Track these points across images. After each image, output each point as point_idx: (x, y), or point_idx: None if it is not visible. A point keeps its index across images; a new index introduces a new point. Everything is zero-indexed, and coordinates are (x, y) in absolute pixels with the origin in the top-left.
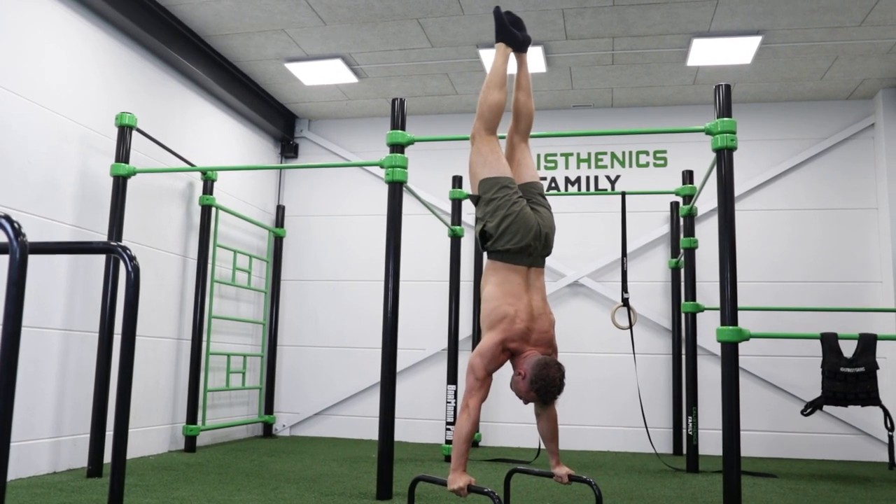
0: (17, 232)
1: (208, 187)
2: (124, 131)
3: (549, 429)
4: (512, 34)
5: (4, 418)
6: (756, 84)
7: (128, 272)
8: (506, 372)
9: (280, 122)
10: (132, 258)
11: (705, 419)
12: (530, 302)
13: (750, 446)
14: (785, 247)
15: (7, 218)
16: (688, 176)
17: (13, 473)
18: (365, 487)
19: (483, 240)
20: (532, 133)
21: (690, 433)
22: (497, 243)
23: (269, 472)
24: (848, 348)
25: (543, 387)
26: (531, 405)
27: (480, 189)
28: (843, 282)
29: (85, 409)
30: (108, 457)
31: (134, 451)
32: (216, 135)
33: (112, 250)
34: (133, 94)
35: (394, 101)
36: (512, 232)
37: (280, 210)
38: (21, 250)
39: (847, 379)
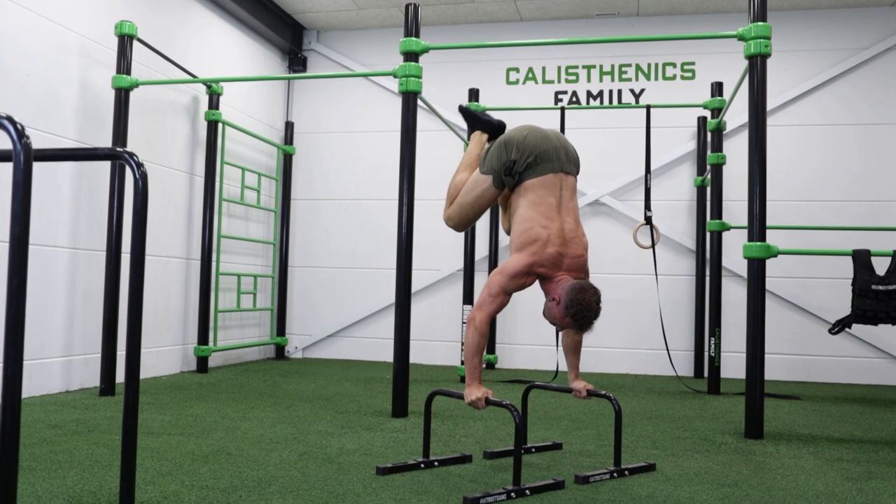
0: (21, 133)
1: (214, 102)
2: (125, 41)
3: (574, 341)
4: (486, 122)
5: (17, 323)
6: None
7: (135, 179)
8: (521, 295)
9: (287, 34)
10: (140, 165)
11: (728, 342)
12: (562, 225)
13: (773, 370)
14: (819, 164)
15: (10, 119)
16: (717, 88)
17: (25, 391)
18: (380, 406)
19: (510, 172)
20: (552, 40)
21: (713, 355)
22: (520, 164)
23: (283, 391)
24: (881, 267)
25: (580, 311)
26: (552, 328)
27: (489, 171)
28: (879, 201)
29: (95, 328)
30: (120, 376)
31: (146, 371)
32: (221, 48)
33: (118, 156)
34: (132, 3)
35: (407, 6)
36: (531, 146)
37: (289, 127)
38: (25, 151)
39: (879, 297)
